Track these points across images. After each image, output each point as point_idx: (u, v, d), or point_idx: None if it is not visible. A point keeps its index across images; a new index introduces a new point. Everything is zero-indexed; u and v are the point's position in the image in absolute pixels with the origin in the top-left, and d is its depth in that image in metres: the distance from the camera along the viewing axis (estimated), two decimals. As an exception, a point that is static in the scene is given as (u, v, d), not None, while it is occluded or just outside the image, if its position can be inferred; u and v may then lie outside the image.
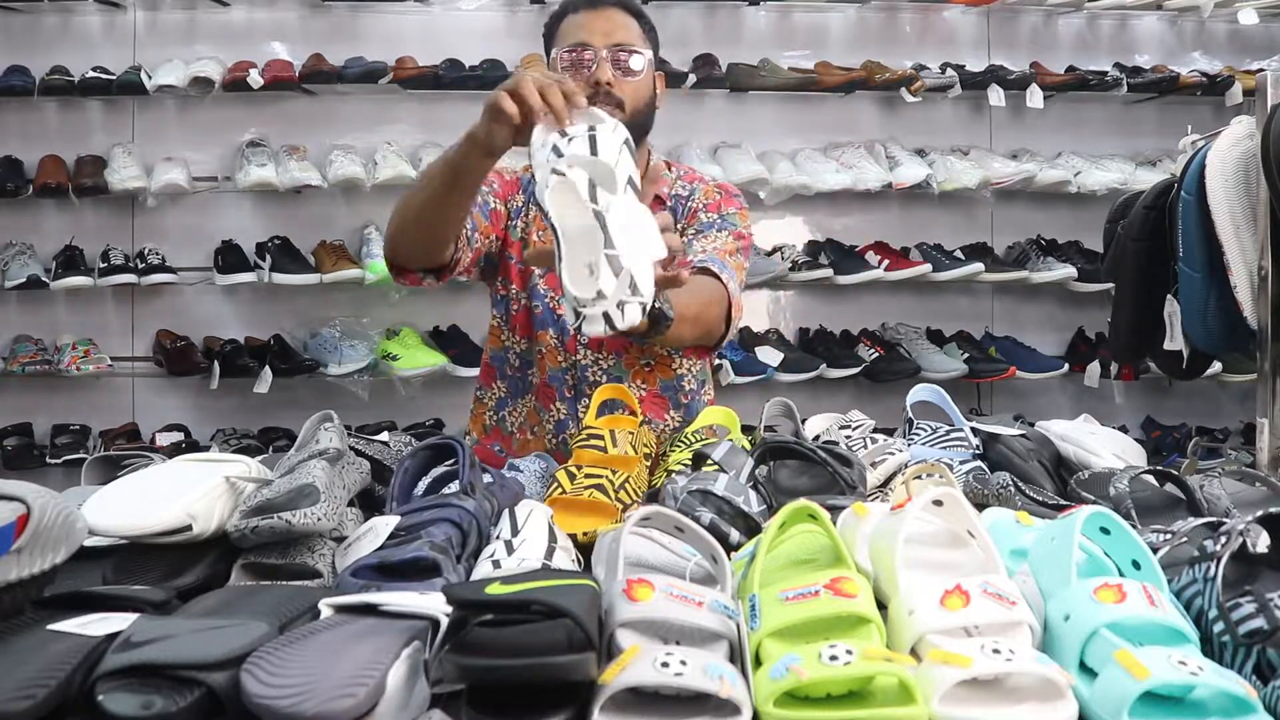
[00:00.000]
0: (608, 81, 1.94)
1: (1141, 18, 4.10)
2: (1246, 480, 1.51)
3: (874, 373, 3.75)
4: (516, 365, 2.13)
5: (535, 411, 2.11)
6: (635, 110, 1.97)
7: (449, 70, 3.64)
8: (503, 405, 2.16)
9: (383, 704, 0.85)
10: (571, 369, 2.06)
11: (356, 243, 3.73)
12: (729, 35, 3.93)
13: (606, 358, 2.07)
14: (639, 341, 1.94)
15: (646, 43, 2.04)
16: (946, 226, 3.96)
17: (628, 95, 1.96)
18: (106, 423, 3.73)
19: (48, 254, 3.65)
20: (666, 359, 2.08)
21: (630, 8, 2.05)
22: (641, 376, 2.08)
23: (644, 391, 2.07)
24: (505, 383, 2.16)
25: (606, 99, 1.91)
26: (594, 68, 1.94)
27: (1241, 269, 2.05)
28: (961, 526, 1.13)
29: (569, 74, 1.95)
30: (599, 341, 2.04)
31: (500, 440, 2.15)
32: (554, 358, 2.07)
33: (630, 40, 1.99)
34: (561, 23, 2.05)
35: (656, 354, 2.07)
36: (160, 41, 3.76)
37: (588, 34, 1.97)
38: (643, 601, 0.94)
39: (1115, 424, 3.40)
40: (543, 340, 2.07)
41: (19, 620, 0.98)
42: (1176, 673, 0.85)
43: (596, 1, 2.02)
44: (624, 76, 1.96)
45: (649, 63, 2.02)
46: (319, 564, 1.25)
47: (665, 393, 2.09)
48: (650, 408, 2.05)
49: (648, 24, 2.07)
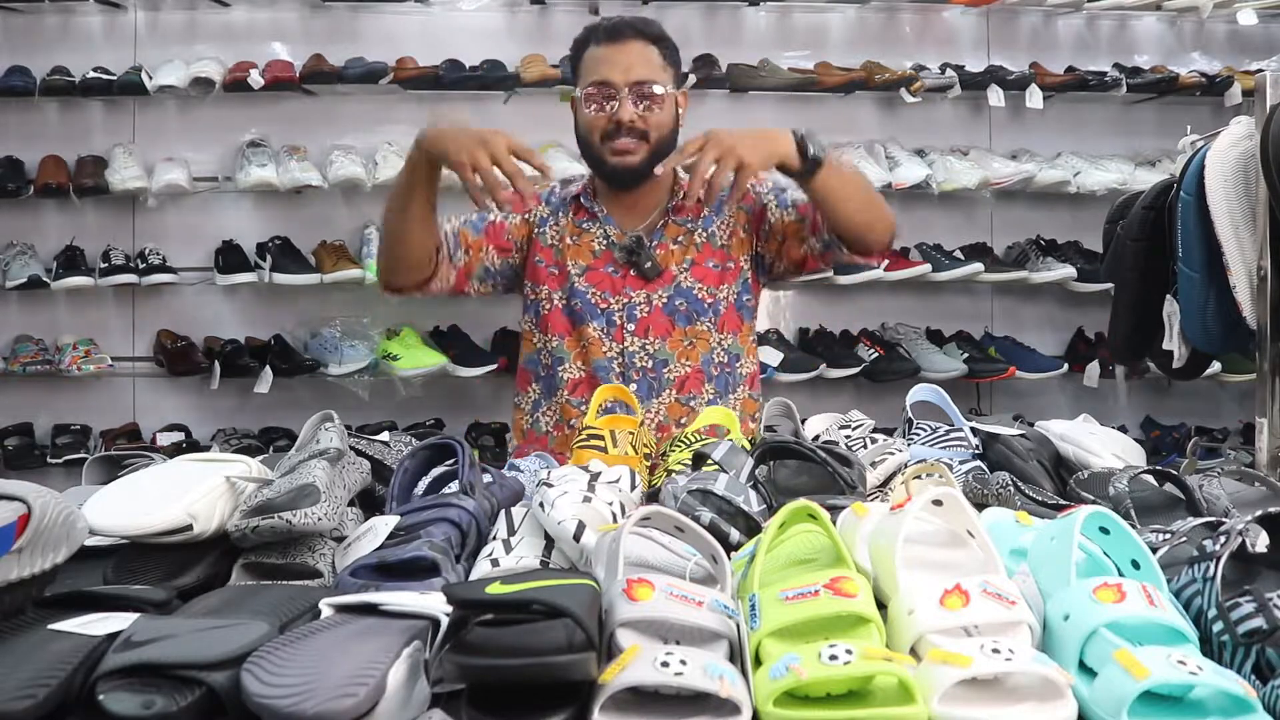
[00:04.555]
0: (630, 120, 2.09)
1: (1141, 18, 4.09)
2: (1246, 480, 1.51)
3: (874, 373, 3.75)
4: (549, 364, 2.23)
5: (570, 405, 2.19)
6: (659, 139, 2.14)
7: (449, 70, 3.64)
8: (537, 407, 2.26)
9: (383, 704, 0.85)
10: (620, 356, 2.18)
11: (357, 243, 3.73)
12: (729, 35, 3.93)
13: (652, 341, 2.20)
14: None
15: (668, 69, 2.16)
16: (946, 227, 3.95)
17: (651, 128, 2.12)
18: (107, 423, 3.73)
19: (48, 254, 3.64)
20: (705, 334, 2.21)
21: (651, 35, 2.16)
22: (685, 354, 2.20)
23: (689, 369, 2.20)
24: (540, 384, 2.26)
25: (630, 132, 2.09)
26: (617, 107, 2.09)
27: (1241, 269, 2.05)
28: (961, 526, 1.13)
29: (594, 108, 2.12)
30: (645, 326, 2.19)
31: (536, 442, 2.22)
32: (598, 348, 2.19)
33: (650, 74, 2.12)
34: (585, 53, 2.18)
35: (697, 332, 2.20)
36: (161, 42, 3.76)
37: (608, 69, 2.11)
38: (643, 601, 0.94)
39: (1115, 424, 3.40)
40: (585, 334, 2.19)
41: (19, 620, 0.98)
42: (1176, 672, 0.85)
43: (617, 34, 2.14)
44: (646, 112, 2.11)
45: (670, 90, 2.14)
46: (319, 564, 1.25)
47: (704, 366, 2.21)
48: (693, 385, 2.19)
49: (668, 47, 2.18)
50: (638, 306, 2.19)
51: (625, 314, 2.19)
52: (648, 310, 2.19)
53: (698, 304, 2.20)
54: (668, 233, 2.22)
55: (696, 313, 2.20)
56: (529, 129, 3.63)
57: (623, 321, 2.19)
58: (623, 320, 2.19)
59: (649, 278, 2.18)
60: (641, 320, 2.19)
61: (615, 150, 2.11)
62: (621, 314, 2.19)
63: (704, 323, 2.20)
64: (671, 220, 2.22)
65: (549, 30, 3.75)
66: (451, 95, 3.71)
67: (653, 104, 2.10)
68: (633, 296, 2.19)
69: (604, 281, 2.21)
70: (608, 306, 2.19)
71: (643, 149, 2.12)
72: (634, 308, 2.19)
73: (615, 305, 2.19)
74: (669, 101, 2.14)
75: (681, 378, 2.19)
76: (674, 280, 2.20)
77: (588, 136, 2.15)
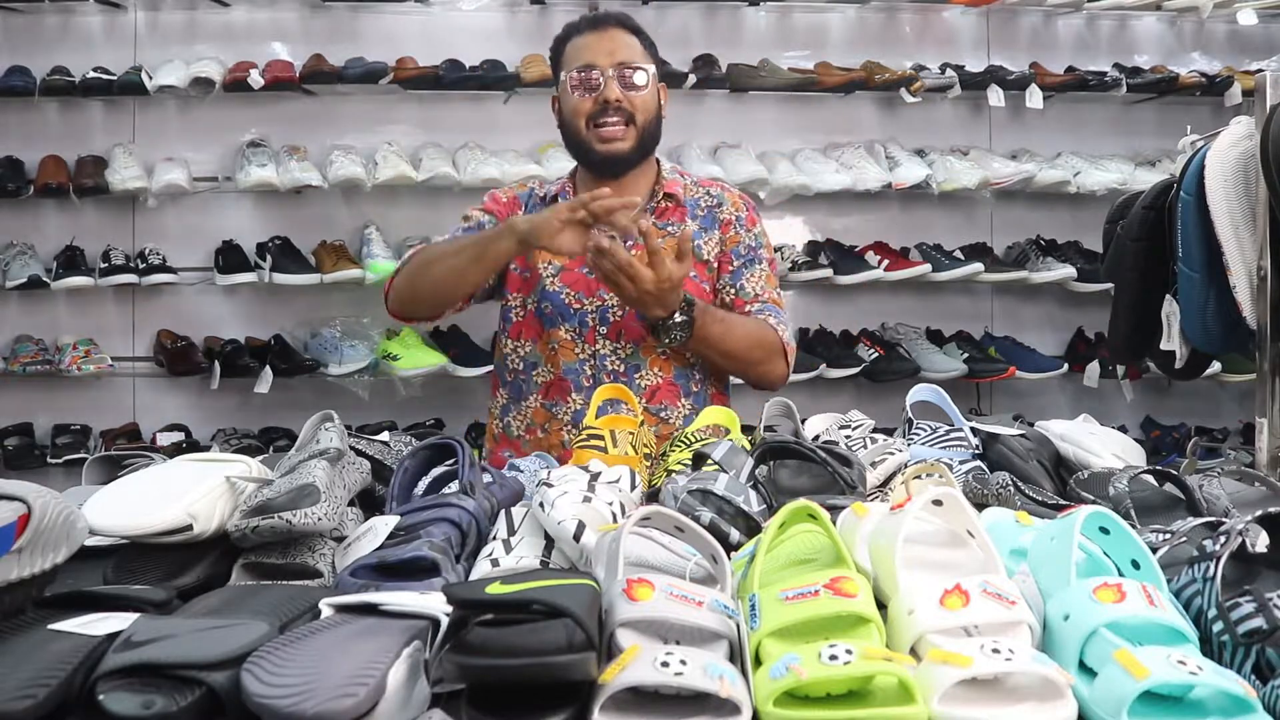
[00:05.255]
0: (616, 99, 2.10)
1: (1141, 18, 4.09)
2: (1246, 480, 1.51)
3: (874, 373, 3.75)
4: (520, 369, 2.22)
5: (544, 409, 2.18)
6: (644, 123, 2.15)
7: (449, 70, 3.64)
8: (506, 412, 2.25)
9: (383, 704, 0.85)
10: (591, 359, 2.16)
11: (357, 243, 3.72)
12: (729, 35, 3.93)
13: (625, 346, 2.16)
14: (668, 341, 2.05)
15: (649, 58, 2.19)
16: (946, 227, 3.95)
17: (636, 110, 2.14)
18: (107, 423, 3.72)
19: (48, 254, 3.64)
20: (681, 347, 2.14)
21: (630, 26, 2.20)
22: (658, 364, 2.17)
23: (660, 379, 2.17)
24: (506, 389, 2.25)
25: (617, 113, 2.10)
26: (602, 87, 2.11)
27: (1240, 269, 2.05)
28: (961, 526, 1.13)
29: (579, 93, 2.13)
30: (617, 330, 2.15)
31: (508, 445, 2.21)
32: (570, 351, 2.17)
33: (634, 58, 2.15)
34: (567, 45, 2.20)
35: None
36: (161, 42, 3.76)
37: (593, 55, 2.13)
38: (643, 601, 0.94)
39: (1115, 424, 3.40)
40: (555, 337, 2.17)
41: (20, 620, 0.98)
42: (1176, 672, 0.85)
43: (599, 23, 2.18)
44: (631, 93, 2.12)
45: (653, 77, 2.16)
46: (319, 564, 1.25)
47: (679, 380, 2.18)
48: (665, 395, 2.15)
49: (647, 40, 2.21)
50: (610, 309, 2.15)
51: (598, 316, 2.16)
52: (620, 314, 2.14)
53: None
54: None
55: None
56: (529, 129, 3.66)
57: (595, 324, 2.15)
58: (595, 322, 2.16)
59: None
60: (614, 323, 2.15)
61: (603, 137, 2.12)
62: (594, 316, 2.16)
63: None
64: (652, 223, 2.17)
65: (549, 30, 3.67)
66: (451, 95, 3.72)
67: (638, 87, 2.12)
68: (606, 299, 2.14)
69: (578, 282, 2.17)
70: (580, 308, 2.16)
71: (630, 134, 2.12)
72: (606, 310, 2.15)
73: (589, 307, 2.16)
74: (652, 89, 2.15)
75: (653, 387, 2.15)
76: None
77: (573, 122, 2.14)
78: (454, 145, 3.72)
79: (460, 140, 3.73)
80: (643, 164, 2.20)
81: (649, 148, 2.19)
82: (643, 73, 2.13)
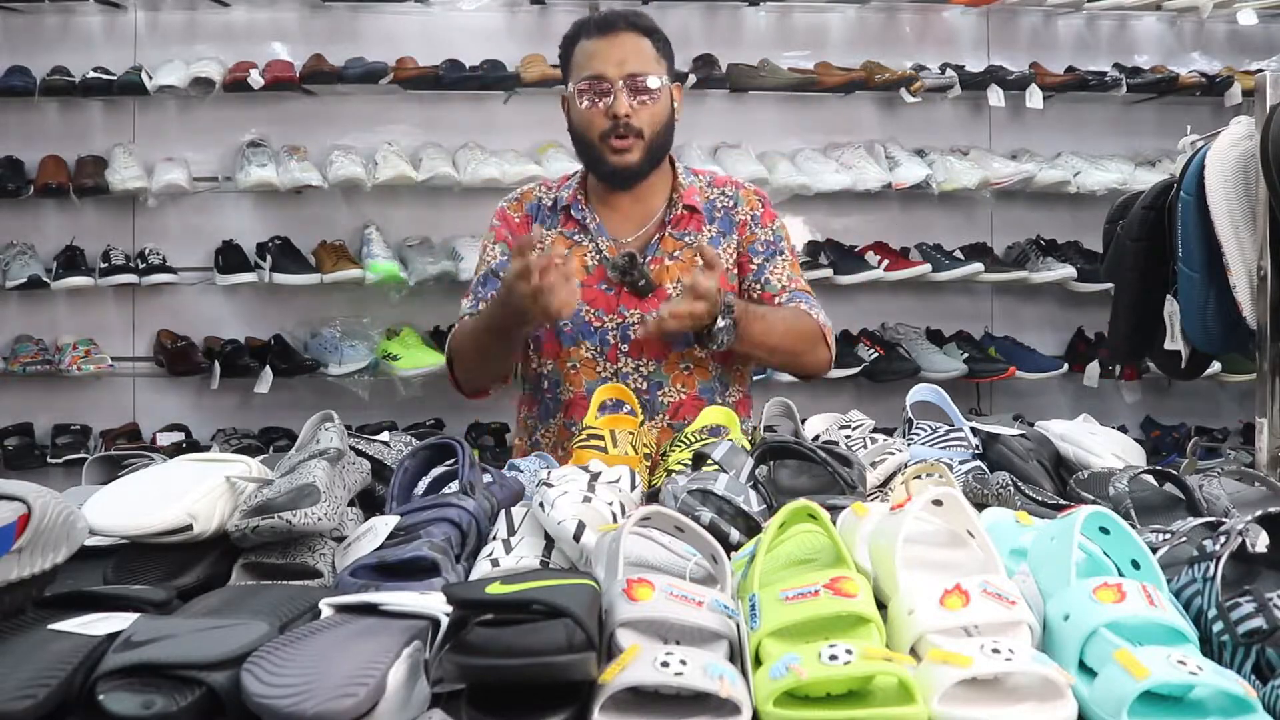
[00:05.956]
0: (625, 115, 2.03)
1: (1141, 18, 4.09)
2: (1246, 480, 1.51)
3: (874, 373, 3.75)
4: (545, 387, 2.18)
5: (565, 427, 2.13)
6: (653, 135, 2.08)
7: (449, 70, 3.64)
8: (535, 429, 2.22)
9: (383, 704, 0.85)
10: (614, 377, 2.10)
11: (357, 243, 3.72)
12: (729, 35, 3.93)
13: (647, 363, 2.11)
14: (708, 346, 1.98)
15: (661, 62, 2.11)
16: (946, 227, 3.96)
17: (645, 123, 2.06)
18: (107, 423, 3.73)
19: (48, 254, 3.64)
20: (704, 361, 2.12)
21: (642, 27, 2.11)
22: (681, 380, 2.12)
23: (684, 395, 2.12)
24: (539, 406, 2.21)
25: (626, 129, 2.03)
26: (612, 101, 2.03)
27: (1241, 269, 2.05)
28: (961, 526, 1.13)
29: (587, 104, 2.06)
30: (640, 347, 2.10)
31: None
32: (591, 370, 2.12)
33: (644, 67, 2.06)
34: (575, 48, 2.12)
35: (695, 357, 2.12)
36: (161, 42, 3.76)
37: (601, 64, 2.05)
38: (643, 601, 0.94)
39: (1115, 424, 3.40)
40: (576, 356, 2.12)
41: (19, 620, 0.98)
42: (1176, 672, 0.85)
43: (608, 26, 2.09)
44: (640, 105, 2.05)
45: (664, 83, 2.09)
46: (319, 564, 1.25)
47: (703, 395, 2.13)
48: (689, 411, 2.06)
49: (660, 39, 2.13)
50: (631, 326, 2.09)
51: (619, 333, 2.10)
52: (642, 330, 2.07)
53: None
54: (664, 246, 2.13)
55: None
56: (529, 129, 3.66)
57: (616, 341, 2.10)
58: (616, 340, 2.10)
59: (643, 296, 2.04)
60: (635, 341, 2.09)
61: (615, 149, 2.06)
62: (615, 333, 2.10)
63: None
64: (669, 233, 2.14)
65: (549, 30, 3.74)
66: (451, 95, 3.72)
67: (648, 98, 2.05)
68: (627, 316, 2.09)
69: (598, 299, 2.11)
70: (601, 325, 2.10)
71: (639, 147, 2.06)
72: (628, 327, 2.09)
73: (609, 324, 2.11)
74: (664, 95, 2.08)
75: (676, 403, 2.10)
76: (669, 298, 2.03)
77: (585, 135, 2.09)
78: (454, 145, 3.72)
79: (460, 140, 3.73)
80: (654, 173, 2.14)
81: (658, 157, 2.12)
82: (654, 80, 2.05)
